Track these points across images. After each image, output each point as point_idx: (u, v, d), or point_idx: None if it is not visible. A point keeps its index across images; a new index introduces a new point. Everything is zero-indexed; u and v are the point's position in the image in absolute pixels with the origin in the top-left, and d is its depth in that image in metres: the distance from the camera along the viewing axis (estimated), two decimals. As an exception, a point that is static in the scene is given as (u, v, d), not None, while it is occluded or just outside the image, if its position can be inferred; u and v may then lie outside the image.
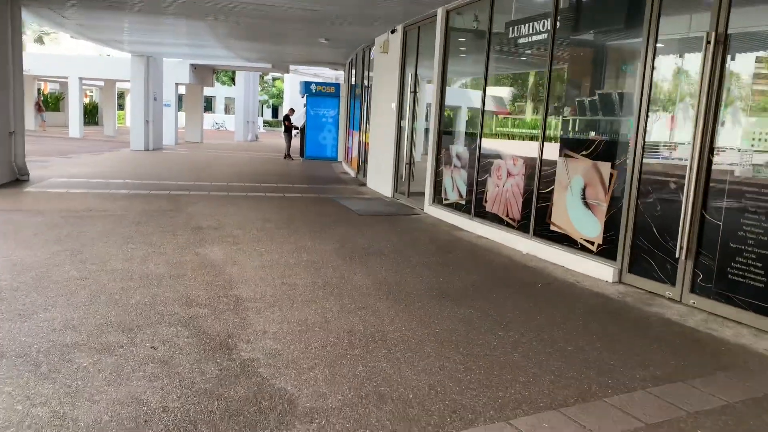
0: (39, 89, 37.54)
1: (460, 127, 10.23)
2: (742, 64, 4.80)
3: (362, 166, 14.04)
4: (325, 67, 28.41)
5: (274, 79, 61.63)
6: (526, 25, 6.99)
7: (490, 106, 8.00)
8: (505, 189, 7.30)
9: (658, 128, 5.42)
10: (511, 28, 7.37)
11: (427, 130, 10.43)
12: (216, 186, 11.47)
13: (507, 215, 7.25)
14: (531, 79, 8.14)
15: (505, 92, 8.55)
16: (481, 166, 7.82)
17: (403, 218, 8.86)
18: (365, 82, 14.31)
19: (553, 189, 6.44)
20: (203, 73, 26.45)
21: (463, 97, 10.01)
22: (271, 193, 10.83)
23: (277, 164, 17.74)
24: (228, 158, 18.91)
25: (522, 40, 7.17)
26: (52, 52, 34.00)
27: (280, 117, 63.30)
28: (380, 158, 11.71)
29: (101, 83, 34.26)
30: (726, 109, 4.76)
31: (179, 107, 27.31)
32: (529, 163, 6.88)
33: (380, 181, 11.68)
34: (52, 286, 4.57)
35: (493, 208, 7.54)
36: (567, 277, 5.75)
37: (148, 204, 8.83)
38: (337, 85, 19.11)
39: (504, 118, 7.81)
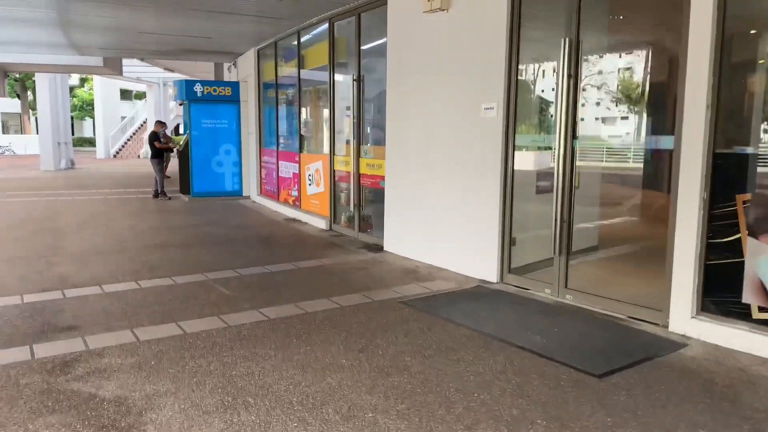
0: None
1: None
2: None
3: (348, 213, 8.44)
4: (158, 67, 21.64)
5: (71, 88, 49.74)
6: None
7: None
8: None
9: None
10: None
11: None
12: (129, 301, 5.19)
13: None
14: None
15: None
16: None
17: (702, 379, 3.75)
18: (333, 77, 8.70)
19: None
20: (-10, 77, 18.03)
21: None
22: (269, 307, 4.94)
23: (164, 212, 11.17)
24: (66, 208, 11.74)
25: None
26: None
27: (81, 134, 51.84)
28: (444, 205, 6.37)
29: None
30: None
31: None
32: None
33: (445, 248, 6.34)
34: None
35: None
36: None
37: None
38: (235, 86, 12.89)
39: None
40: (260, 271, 6.38)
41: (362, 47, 7.84)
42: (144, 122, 35.26)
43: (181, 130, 33.68)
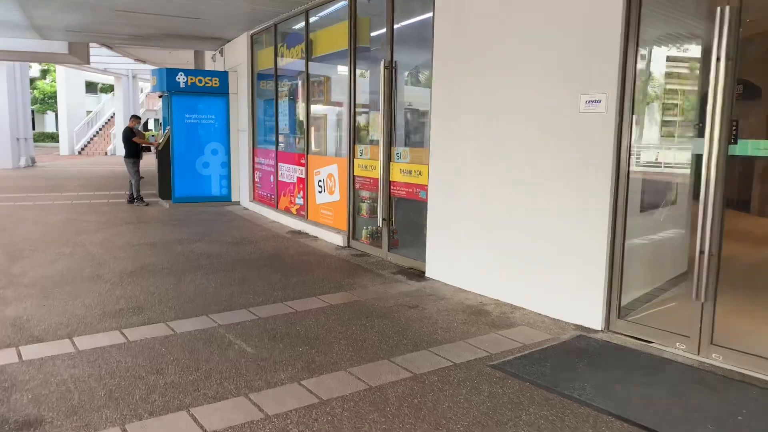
0: None
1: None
2: None
3: (372, 228, 7.02)
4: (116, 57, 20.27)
5: (31, 80, 46.46)
6: None
7: None
8: None
9: None
10: None
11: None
12: (114, 366, 3.70)
13: None
14: None
15: None
16: None
17: None
18: (354, 64, 7.24)
19: None
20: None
21: None
22: (314, 377, 3.52)
23: (144, 222, 9.56)
24: (25, 216, 10.04)
25: None
26: None
27: (43, 128, 48.70)
28: (520, 224, 5.01)
29: None
30: None
31: None
32: None
33: (521, 280, 4.98)
34: None
35: None
36: None
37: None
38: (224, 76, 11.31)
39: None
40: (282, 310, 4.92)
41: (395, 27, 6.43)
42: (112, 117, 33.14)
43: (150, 126, 31.51)
